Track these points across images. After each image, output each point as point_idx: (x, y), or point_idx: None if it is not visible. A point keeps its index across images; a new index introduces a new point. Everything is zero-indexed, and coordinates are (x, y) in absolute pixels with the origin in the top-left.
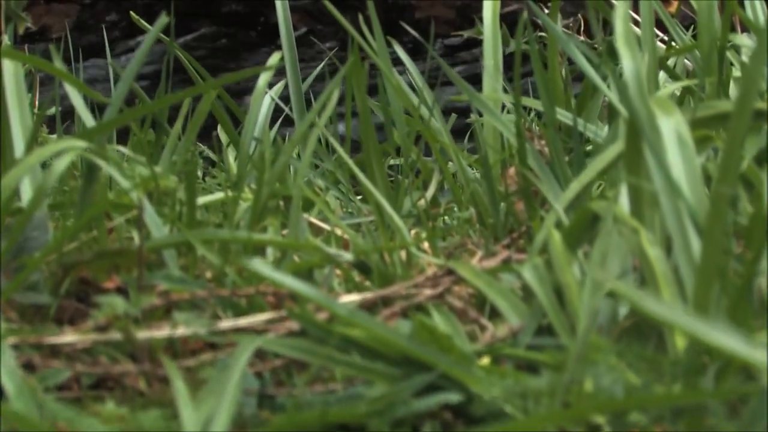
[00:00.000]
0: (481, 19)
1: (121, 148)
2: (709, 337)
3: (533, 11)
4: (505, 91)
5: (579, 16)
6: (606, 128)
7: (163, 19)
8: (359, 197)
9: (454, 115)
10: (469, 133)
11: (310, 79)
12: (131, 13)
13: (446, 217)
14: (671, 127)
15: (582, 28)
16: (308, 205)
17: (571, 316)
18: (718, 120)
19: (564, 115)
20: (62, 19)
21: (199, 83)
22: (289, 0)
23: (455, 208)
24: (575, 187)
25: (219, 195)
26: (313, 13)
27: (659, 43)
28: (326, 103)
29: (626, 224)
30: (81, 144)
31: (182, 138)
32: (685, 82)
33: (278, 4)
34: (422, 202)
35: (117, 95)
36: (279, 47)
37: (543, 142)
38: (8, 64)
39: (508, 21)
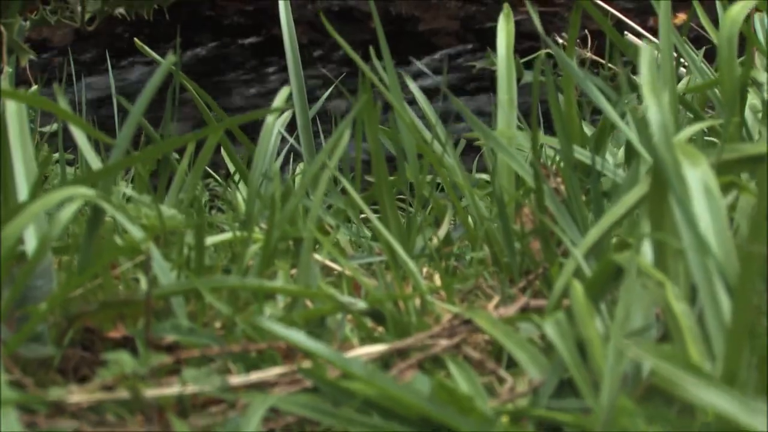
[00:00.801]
0: (483, 30)
1: (127, 190)
2: (744, 419)
3: (552, 48)
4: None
5: (585, 31)
6: (620, 152)
7: (170, 58)
8: (368, 226)
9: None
10: (479, 155)
11: (317, 106)
12: (136, 39)
13: (459, 253)
14: (698, 178)
15: (589, 44)
16: (319, 242)
17: (593, 372)
18: (743, 163)
19: (581, 153)
20: (63, 31)
21: (203, 108)
22: (293, 12)
23: (468, 246)
24: (595, 232)
25: (227, 235)
26: (316, 25)
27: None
28: (337, 142)
29: (651, 277)
30: (87, 192)
31: (189, 175)
32: (708, 122)
33: (285, 36)
34: (435, 240)
35: (123, 136)
36: (282, 57)
37: (559, 179)
38: (11, 105)
39: (516, 30)
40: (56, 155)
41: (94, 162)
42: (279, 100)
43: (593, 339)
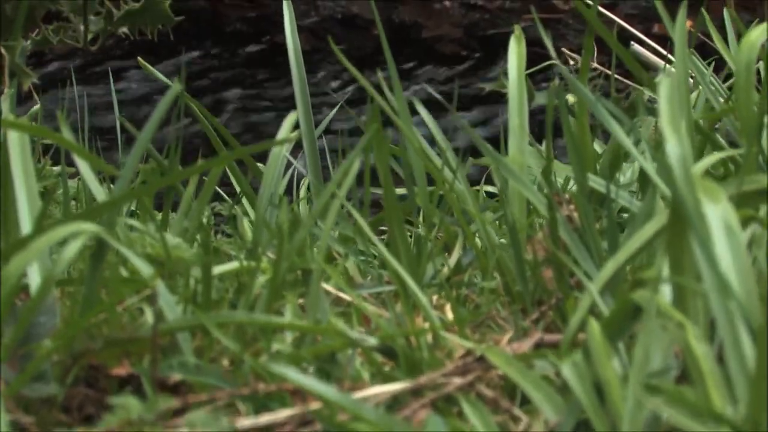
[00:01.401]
0: (487, 38)
1: (133, 222)
2: None
3: (564, 74)
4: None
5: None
6: (630, 172)
7: (176, 86)
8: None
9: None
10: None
11: (322, 126)
12: (139, 59)
13: (470, 282)
14: (718, 216)
15: (595, 52)
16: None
17: (611, 414)
18: (763, 195)
19: (595, 181)
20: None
21: (210, 131)
22: (296, 19)
23: (479, 274)
24: (611, 266)
25: (234, 264)
26: (318, 32)
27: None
28: (347, 172)
29: (670, 317)
30: (92, 227)
31: (195, 202)
32: (727, 153)
33: (292, 60)
34: (445, 269)
35: (128, 167)
36: (284, 66)
37: (572, 206)
38: (13, 133)
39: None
40: (57, 168)
41: (99, 193)
42: (286, 126)
43: (611, 380)
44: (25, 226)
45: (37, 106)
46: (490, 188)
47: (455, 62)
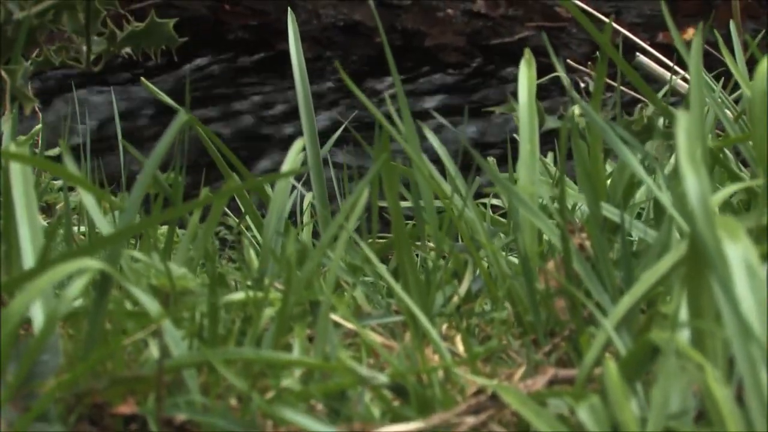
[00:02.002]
0: (490, 47)
1: (136, 254)
2: None
3: (579, 103)
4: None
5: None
6: (638, 194)
7: (182, 116)
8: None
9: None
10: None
11: (328, 145)
12: (142, 79)
13: (480, 312)
14: (739, 255)
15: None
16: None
17: None
18: None
19: (608, 210)
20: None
21: (218, 159)
22: (298, 27)
23: (489, 303)
24: (627, 301)
25: (240, 295)
26: (321, 41)
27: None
28: (355, 204)
29: (690, 358)
30: (96, 264)
31: (201, 231)
32: (745, 184)
33: (298, 82)
34: (455, 298)
35: (134, 198)
36: (285, 74)
37: (584, 235)
38: (15, 166)
39: (523, 45)
40: (59, 183)
41: (104, 225)
42: (293, 153)
43: (630, 423)
44: (28, 259)
45: (38, 126)
46: (495, 201)
47: (458, 70)
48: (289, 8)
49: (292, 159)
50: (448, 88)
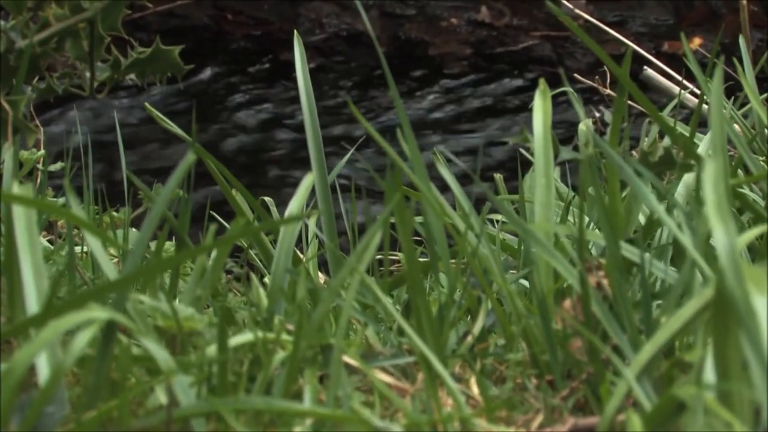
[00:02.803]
0: (494, 56)
1: (143, 298)
2: None
3: (597, 142)
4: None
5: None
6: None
7: (190, 157)
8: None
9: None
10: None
11: (335, 171)
12: (147, 104)
13: (495, 352)
14: (766, 307)
15: (608, 79)
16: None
17: None
18: None
19: (628, 250)
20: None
21: (227, 190)
22: (300, 37)
23: (501, 337)
24: (649, 349)
25: (249, 336)
26: (324, 51)
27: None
28: (367, 247)
29: (717, 415)
30: (103, 315)
31: (209, 270)
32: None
33: (306, 119)
34: (469, 338)
35: (140, 241)
36: (289, 83)
37: (601, 273)
38: (19, 211)
39: (527, 55)
40: (62, 200)
41: (111, 271)
42: (302, 190)
43: None
44: (32, 303)
45: (41, 152)
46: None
47: (463, 80)
48: (295, 32)
49: (301, 196)
50: (453, 97)
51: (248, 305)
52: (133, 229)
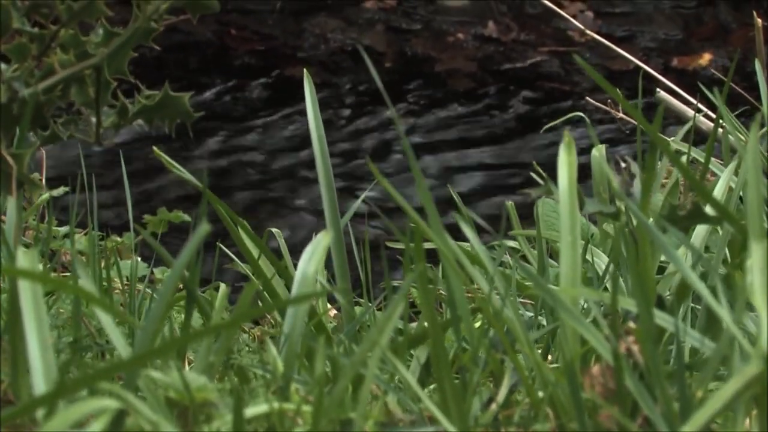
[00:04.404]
0: (501, 72)
1: (153, 373)
2: None
3: (628, 205)
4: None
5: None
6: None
7: (204, 227)
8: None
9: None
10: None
11: (347, 216)
12: (154, 148)
13: (520, 422)
14: None
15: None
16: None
17: None
18: None
19: (661, 317)
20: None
21: (236, 234)
22: (305, 52)
23: (526, 403)
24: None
25: (264, 407)
26: (329, 66)
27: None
28: (388, 320)
29: None
30: (113, 404)
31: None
32: None
33: (318, 157)
34: (493, 405)
35: (152, 318)
36: (294, 99)
37: (631, 338)
38: (25, 286)
39: (535, 71)
40: (65, 228)
41: (123, 348)
42: (319, 251)
43: None
44: (39, 382)
45: (45, 195)
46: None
47: (469, 96)
48: (305, 70)
49: (318, 257)
50: (460, 114)
51: (261, 363)
52: (139, 259)
